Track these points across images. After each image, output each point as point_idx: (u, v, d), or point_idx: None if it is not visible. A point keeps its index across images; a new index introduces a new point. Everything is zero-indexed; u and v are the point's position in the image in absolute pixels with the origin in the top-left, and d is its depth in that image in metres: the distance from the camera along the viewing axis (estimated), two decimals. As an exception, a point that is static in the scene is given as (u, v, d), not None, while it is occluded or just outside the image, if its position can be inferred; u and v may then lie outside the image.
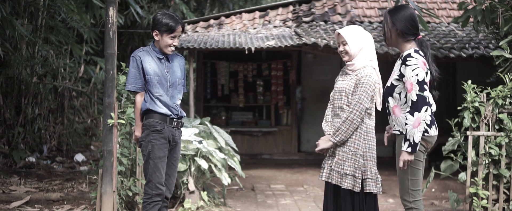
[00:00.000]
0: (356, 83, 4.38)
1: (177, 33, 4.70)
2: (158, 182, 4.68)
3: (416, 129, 3.94)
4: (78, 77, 12.53)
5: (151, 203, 4.69)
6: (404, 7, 4.18)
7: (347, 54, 4.43)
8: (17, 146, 10.04)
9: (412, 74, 3.96)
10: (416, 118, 3.93)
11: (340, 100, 4.43)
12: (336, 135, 4.34)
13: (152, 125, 4.70)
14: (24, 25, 9.96)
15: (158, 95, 4.70)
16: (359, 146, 4.35)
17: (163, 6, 15.09)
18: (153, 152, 4.68)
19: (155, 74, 4.69)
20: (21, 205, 7.09)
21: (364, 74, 4.36)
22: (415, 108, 3.95)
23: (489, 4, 7.37)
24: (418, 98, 3.95)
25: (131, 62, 4.73)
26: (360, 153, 4.34)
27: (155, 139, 4.68)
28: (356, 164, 4.34)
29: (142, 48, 4.82)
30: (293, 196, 8.29)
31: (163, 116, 4.71)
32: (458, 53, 9.49)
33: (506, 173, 6.17)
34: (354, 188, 4.32)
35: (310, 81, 12.65)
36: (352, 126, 4.30)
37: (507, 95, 6.20)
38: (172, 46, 4.71)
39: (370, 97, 4.35)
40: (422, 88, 3.95)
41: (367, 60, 4.44)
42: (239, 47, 9.76)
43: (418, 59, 4.00)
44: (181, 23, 4.72)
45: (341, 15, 11.67)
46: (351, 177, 4.33)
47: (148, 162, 4.70)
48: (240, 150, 9.78)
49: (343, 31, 4.47)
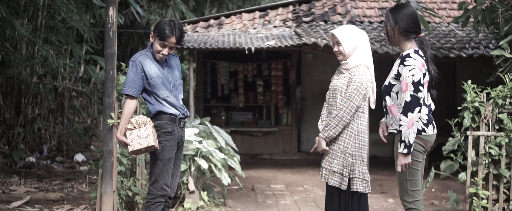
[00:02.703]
0: (349, 82, 4.41)
1: (167, 43, 4.60)
2: (165, 183, 4.67)
3: (410, 130, 3.95)
4: (78, 77, 12.53)
5: (155, 204, 4.68)
6: (405, 5, 4.18)
7: (341, 54, 4.48)
8: (17, 146, 10.04)
9: (408, 74, 3.97)
10: (410, 119, 3.95)
11: (334, 98, 4.47)
12: (324, 130, 4.40)
13: (163, 126, 4.67)
14: (24, 25, 9.95)
15: (165, 97, 4.68)
16: (348, 145, 4.39)
17: (163, 6, 15.09)
18: (163, 153, 4.66)
19: (158, 77, 4.67)
20: (21, 205, 7.09)
21: (357, 72, 4.41)
22: (408, 108, 3.96)
23: (489, 4, 7.37)
24: (412, 99, 3.96)
25: (130, 66, 4.69)
26: (349, 152, 4.39)
27: (166, 140, 4.66)
28: (344, 163, 4.39)
29: (141, 51, 4.80)
30: (293, 196, 8.29)
31: (173, 117, 4.69)
32: (458, 53, 9.49)
33: (506, 173, 6.17)
34: (341, 186, 4.38)
35: (310, 81, 12.65)
36: (341, 122, 4.34)
37: (507, 95, 6.20)
38: (160, 54, 4.65)
39: (362, 95, 4.38)
40: (416, 89, 3.96)
41: (361, 59, 4.46)
42: (239, 47, 9.76)
43: (416, 60, 4.00)
44: (176, 36, 4.61)
45: (341, 15, 11.66)
46: (339, 175, 4.39)
47: (157, 163, 4.68)
48: (240, 150, 9.79)
49: (336, 32, 4.51)
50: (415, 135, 4.02)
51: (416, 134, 4.04)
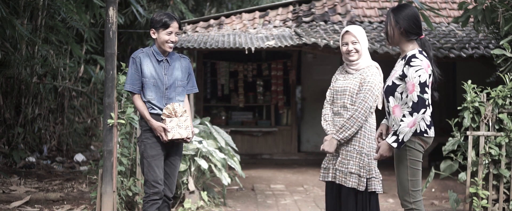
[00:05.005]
0: (361, 83, 4.38)
1: (172, 29, 4.71)
2: (153, 180, 4.72)
3: (409, 129, 3.93)
4: (78, 77, 12.53)
5: (149, 202, 4.74)
6: (407, 6, 4.17)
7: (357, 53, 4.43)
8: (17, 146, 10.04)
9: (415, 75, 3.95)
10: (414, 119, 3.93)
11: (343, 99, 4.43)
12: (339, 132, 4.34)
13: (144, 125, 4.80)
14: (24, 25, 9.95)
15: (149, 99, 4.76)
16: (363, 145, 4.36)
17: (162, 6, 15.08)
18: (146, 151, 4.76)
19: (152, 77, 4.73)
20: (21, 205, 7.09)
21: (369, 73, 4.38)
22: (415, 109, 3.95)
23: (489, 4, 7.36)
24: (419, 100, 3.95)
25: (130, 63, 4.79)
26: (365, 152, 4.36)
27: (147, 138, 4.77)
28: (361, 163, 4.35)
29: (142, 49, 4.85)
30: (293, 196, 8.29)
31: (155, 116, 4.75)
32: (458, 53, 9.49)
33: (506, 173, 6.17)
34: (359, 187, 4.33)
35: (310, 81, 12.65)
36: (356, 124, 4.30)
37: (507, 95, 6.20)
38: (169, 42, 4.72)
39: (375, 96, 4.36)
40: (423, 90, 3.94)
41: (369, 59, 4.46)
42: (239, 47, 9.76)
43: (422, 61, 3.98)
44: (176, 19, 4.74)
45: (341, 15, 11.66)
46: (356, 176, 4.34)
47: (143, 162, 4.80)
48: (240, 150, 9.78)
49: (353, 30, 4.45)
50: (418, 136, 4.02)
51: (419, 135, 4.03)
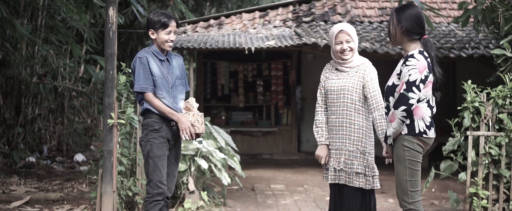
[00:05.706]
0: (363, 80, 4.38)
1: (171, 28, 4.71)
2: (158, 180, 4.69)
3: (389, 123, 4.03)
4: (78, 77, 12.53)
5: (152, 203, 4.70)
6: (411, 5, 4.17)
7: (352, 51, 4.43)
8: (17, 146, 10.04)
9: (406, 73, 3.97)
10: (391, 114, 4.00)
11: (343, 99, 4.43)
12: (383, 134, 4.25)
13: (150, 124, 4.73)
14: (24, 25, 9.95)
15: (161, 97, 4.71)
16: (366, 144, 4.38)
17: (162, 6, 15.09)
18: (152, 151, 4.70)
19: (159, 76, 4.71)
20: (21, 205, 7.09)
21: (368, 69, 4.40)
22: (394, 105, 4.00)
23: (489, 4, 7.36)
24: (400, 97, 3.97)
25: (138, 63, 4.69)
26: (368, 151, 4.37)
27: (154, 138, 4.71)
28: (365, 162, 4.36)
29: (144, 49, 4.83)
30: (293, 196, 8.29)
31: (162, 116, 4.72)
32: (458, 53, 9.49)
33: (506, 173, 6.17)
34: (366, 186, 4.34)
35: (310, 81, 12.64)
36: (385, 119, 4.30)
37: (507, 95, 6.19)
38: (169, 42, 4.73)
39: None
40: (409, 88, 3.95)
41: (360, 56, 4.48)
42: (239, 47, 9.76)
43: (419, 61, 3.98)
44: (174, 18, 4.75)
45: (341, 15, 11.67)
46: (362, 175, 4.34)
47: (148, 162, 4.73)
48: (240, 150, 9.78)
49: (347, 28, 4.44)
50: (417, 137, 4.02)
51: (418, 135, 4.03)
